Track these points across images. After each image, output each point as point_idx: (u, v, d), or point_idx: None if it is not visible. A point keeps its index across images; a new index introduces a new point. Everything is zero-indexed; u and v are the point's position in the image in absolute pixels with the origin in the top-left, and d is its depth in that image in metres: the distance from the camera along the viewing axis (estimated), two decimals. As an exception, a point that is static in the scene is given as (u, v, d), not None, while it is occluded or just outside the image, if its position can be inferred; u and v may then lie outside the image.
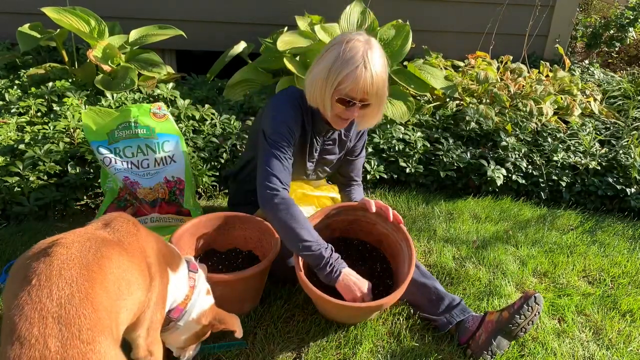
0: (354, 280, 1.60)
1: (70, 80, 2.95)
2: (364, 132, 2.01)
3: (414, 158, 2.83)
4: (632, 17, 4.48)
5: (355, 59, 1.56)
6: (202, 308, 1.42)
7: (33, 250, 1.02)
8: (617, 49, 4.83)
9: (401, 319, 1.83)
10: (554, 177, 2.86)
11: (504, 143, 2.93)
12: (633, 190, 2.84)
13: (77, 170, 2.36)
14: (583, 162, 2.92)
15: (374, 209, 1.76)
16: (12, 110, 2.69)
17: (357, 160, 2.06)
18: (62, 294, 0.92)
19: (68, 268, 0.96)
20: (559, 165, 2.91)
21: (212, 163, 2.58)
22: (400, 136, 2.90)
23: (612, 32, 4.58)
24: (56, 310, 0.89)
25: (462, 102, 3.33)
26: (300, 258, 1.64)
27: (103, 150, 2.07)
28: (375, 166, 2.75)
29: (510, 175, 2.83)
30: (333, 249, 1.64)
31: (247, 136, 2.67)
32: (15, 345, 0.84)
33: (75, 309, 0.91)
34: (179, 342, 1.44)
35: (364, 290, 1.61)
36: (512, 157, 2.88)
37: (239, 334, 1.47)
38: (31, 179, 2.28)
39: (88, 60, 2.86)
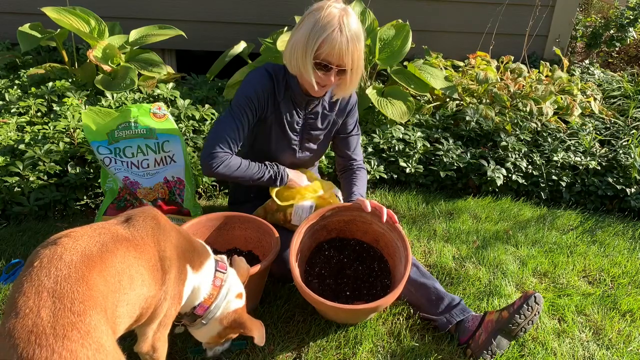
0: (292, 178, 1.94)
1: (70, 80, 2.95)
2: (352, 108, 2.02)
3: (414, 158, 2.83)
4: (632, 17, 4.48)
5: (332, 24, 1.62)
6: (227, 310, 1.43)
7: (46, 241, 1.07)
8: (617, 49, 4.83)
9: (401, 319, 1.83)
10: (554, 177, 2.86)
11: (504, 143, 2.93)
12: (633, 190, 2.84)
13: (77, 170, 2.36)
14: (583, 162, 2.92)
15: (369, 209, 1.76)
16: (12, 110, 2.69)
17: (351, 137, 2.07)
18: (59, 273, 0.97)
19: (70, 254, 1.01)
20: (559, 165, 2.91)
21: (212, 163, 2.57)
22: (400, 136, 2.90)
23: (612, 32, 4.58)
24: (52, 286, 0.94)
25: (462, 102, 3.33)
26: (296, 265, 1.67)
27: (103, 150, 2.07)
28: (375, 166, 2.75)
29: (510, 175, 2.83)
30: (271, 164, 1.91)
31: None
32: (11, 317, 0.89)
33: (70, 285, 0.96)
34: (204, 338, 1.48)
35: (301, 182, 1.96)
36: (512, 157, 2.88)
37: (258, 340, 1.44)
38: (31, 179, 2.28)
39: (88, 60, 2.86)
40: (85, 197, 2.40)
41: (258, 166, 1.87)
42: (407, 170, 2.79)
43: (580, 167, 2.92)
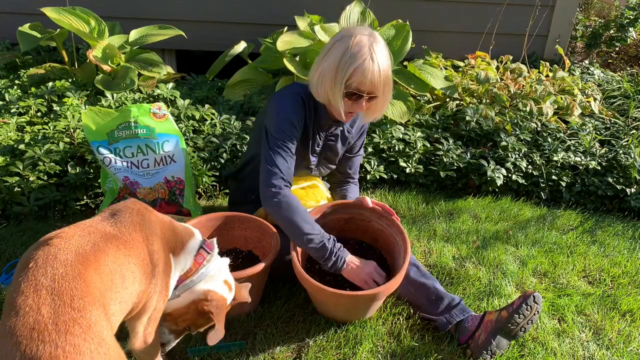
0: (357, 264, 1.69)
1: (70, 80, 2.95)
2: (364, 130, 2.05)
3: (414, 158, 2.83)
4: (632, 17, 4.48)
5: (362, 53, 1.59)
6: (203, 288, 1.36)
7: (37, 243, 1.07)
8: (617, 49, 4.83)
9: (401, 319, 1.83)
10: (554, 177, 2.86)
11: (504, 143, 2.93)
12: (633, 190, 2.84)
13: (77, 170, 2.36)
14: (583, 162, 2.92)
15: (370, 204, 1.78)
16: (12, 110, 2.69)
17: (356, 157, 2.09)
18: (56, 272, 0.98)
19: (64, 253, 1.02)
20: (559, 165, 2.91)
21: (212, 163, 2.58)
22: (400, 136, 2.90)
23: (612, 32, 4.58)
24: (50, 284, 0.95)
25: (462, 102, 3.33)
26: (298, 250, 1.68)
27: (103, 150, 2.07)
28: (375, 166, 2.75)
29: (510, 175, 2.83)
30: (335, 239, 1.70)
31: (247, 136, 2.68)
32: (11, 316, 0.90)
33: (67, 283, 0.97)
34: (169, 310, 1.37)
35: (370, 269, 1.69)
36: (512, 157, 2.88)
37: (210, 338, 1.28)
38: (31, 179, 2.28)
39: (88, 60, 2.86)
40: (85, 197, 2.40)
41: (319, 228, 1.68)
42: (407, 170, 2.79)
43: (580, 167, 2.92)
